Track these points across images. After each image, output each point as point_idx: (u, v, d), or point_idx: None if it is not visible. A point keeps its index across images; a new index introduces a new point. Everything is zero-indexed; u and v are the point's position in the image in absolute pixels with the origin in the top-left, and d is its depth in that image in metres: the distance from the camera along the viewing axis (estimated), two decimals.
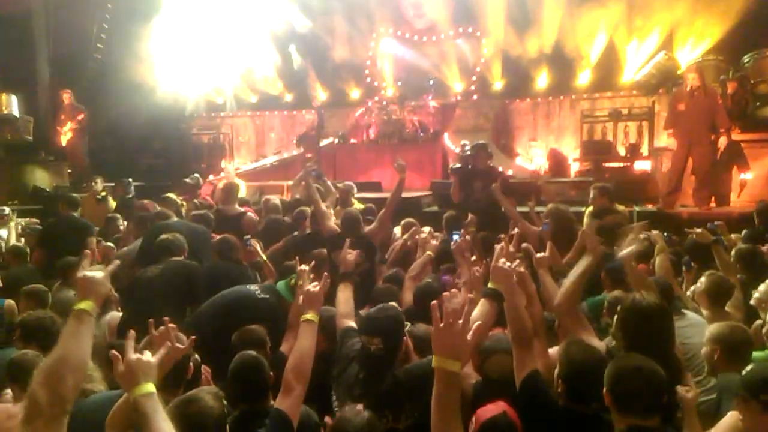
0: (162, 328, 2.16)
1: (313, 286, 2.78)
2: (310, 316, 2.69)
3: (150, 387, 1.82)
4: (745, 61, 9.17)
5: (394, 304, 3.11)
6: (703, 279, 3.77)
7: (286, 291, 3.67)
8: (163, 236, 4.42)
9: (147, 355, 1.89)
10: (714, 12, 10.17)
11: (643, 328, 2.50)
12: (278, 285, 3.81)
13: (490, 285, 2.70)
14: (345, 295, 3.26)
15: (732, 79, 8.86)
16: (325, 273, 3.00)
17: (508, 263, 2.65)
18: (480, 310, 2.64)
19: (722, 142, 7.87)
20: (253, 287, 3.80)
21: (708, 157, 7.99)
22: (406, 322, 2.98)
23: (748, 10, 9.71)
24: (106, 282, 2.01)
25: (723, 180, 8.15)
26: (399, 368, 2.79)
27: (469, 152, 7.44)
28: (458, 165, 7.53)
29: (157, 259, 4.30)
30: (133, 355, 1.86)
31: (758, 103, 8.84)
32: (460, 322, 1.79)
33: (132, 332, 1.94)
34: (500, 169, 8.41)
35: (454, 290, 2.03)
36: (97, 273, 2.01)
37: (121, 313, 4.23)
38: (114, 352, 1.87)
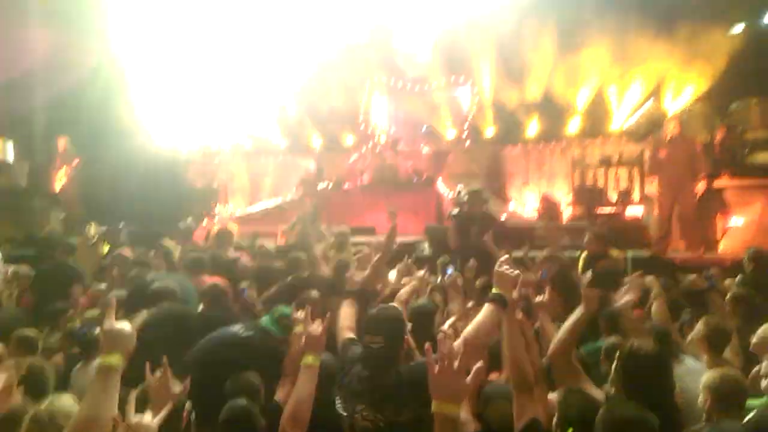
0: (158, 374, 2.11)
1: (314, 328, 2.65)
2: (311, 359, 2.56)
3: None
4: (732, 108, 9.39)
5: (394, 304, 3.14)
6: (700, 325, 3.76)
7: (272, 324, 3.58)
8: (157, 283, 4.40)
9: (147, 417, 1.85)
10: (701, 62, 10.47)
11: (641, 376, 2.49)
12: (262, 320, 3.72)
13: (494, 290, 2.69)
14: (349, 311, 3.28)
15: (720, 127, 9.06)
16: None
17: (511, 270, 2.65)
18: (484, 313, 2.63)
19: (700, 188, 8.03)
20: (236, 327, 3.65)
21: (691, 204, 8.12)
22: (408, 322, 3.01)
23: (735, 60, 10.01)
24: (134, 335, 1.93)
25: (709, 226, 8.26)
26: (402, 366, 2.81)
27: (465, 198, 7.50)
28: (456, 211, 7.58)
29: (149, 304, 4.26)
30: (133, 419, 1.82)
31: (746, 150, 9.01)
32: (456, 363, 1.78)
33: (133, 393, 1.90)
34: (497, 214, 8.49)
35: (448, 331, 2.02)
36: (125, 325, 1.93)
37: None
38: (115, 415, 1.82)
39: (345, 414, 2.72)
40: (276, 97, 13.72)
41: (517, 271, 2.69)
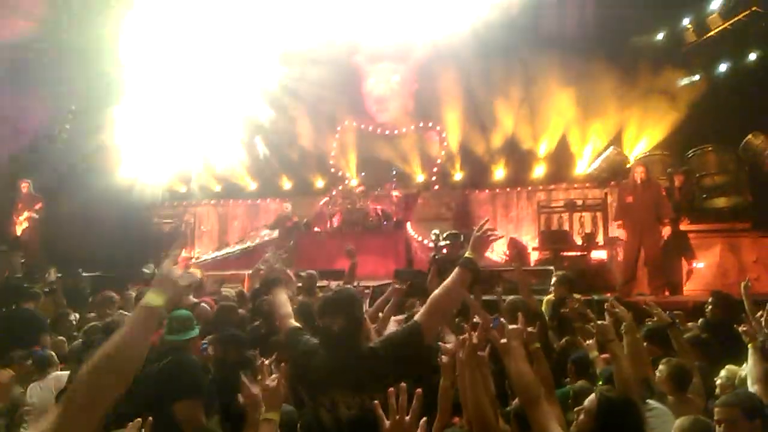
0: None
1: (271, 380, 2.44)
2: (270, 415, 2.37)
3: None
4: (689, 155, 9.72)
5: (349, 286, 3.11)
6: (662, 366, 3.80)
7: (171, 335, 3.65)
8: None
9: None
10: (660, 110, 10.92)
11: (611, 422, 2.50)
12: (165, 336, 3.71)
13: (467, 254, 2.73)
14: (282, 297, 3.13)
15: (678, 173, 9.36)
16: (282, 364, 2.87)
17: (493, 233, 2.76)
18: (452, 278, 2.69)
19: (666, 231, 8.23)
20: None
21: (658, 247, 8.31)
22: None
23: (692, 109, 10.46)
24: (187, 288, 1.89)
25: (674, 269, 8.43)
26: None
27: (446, 241, 7.59)
28: (437, 255, 7.64)
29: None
30: None
31: (704, 196, 9.30)
32: (407, 419, 1.81)
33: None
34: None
35: (401, 386, 1.95)
36: (184, 278, 1.87)
37: (65, 373, 4.30)
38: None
39: (318, 409, 2.56)
40: (245, 139, 13.75)
41: (498, 235, 2.80)
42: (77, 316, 6.51)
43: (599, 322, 3.70)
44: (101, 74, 11.97)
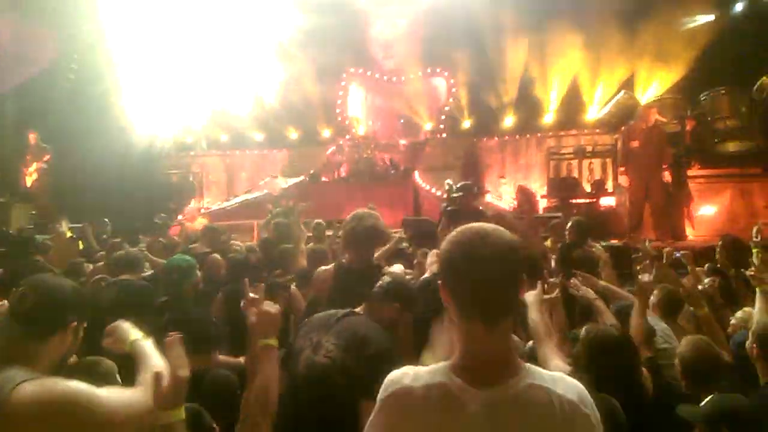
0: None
1: (269, 306, 2.30)
2: (270, 341, 2.24)
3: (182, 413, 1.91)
4: (702, 99, 9.53)
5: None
6: (655, 291, 3.86)
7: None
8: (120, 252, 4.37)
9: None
10: (673, 53, 10.63)
11: (607, 359, 2.55)
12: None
13: None
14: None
15: (690, 117, 9.20)
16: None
17: None
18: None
19: (670, 177, 8.16)
20: None
21: (662, 193, 8.24)
22: None
23: (705, 52, 10.18)
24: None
25: (678, 215, 8.39)
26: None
27: (458, 192, 7.51)
28: (449, 207, 7.59)
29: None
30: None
31: (716, 140, 9.16)
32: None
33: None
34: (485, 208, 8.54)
35: None
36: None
37: None
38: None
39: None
40: (251, 90, 13.60)
41: None
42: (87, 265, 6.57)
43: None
44: (106, 20, 11.82)
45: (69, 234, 7.94)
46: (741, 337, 3.20)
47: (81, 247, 7.79)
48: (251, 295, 2.30)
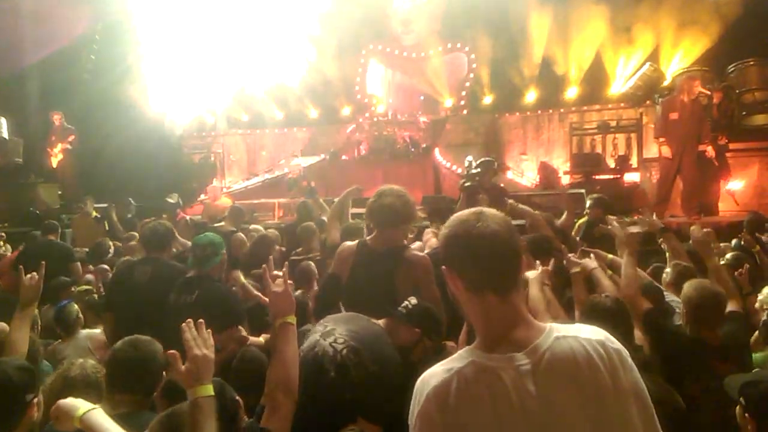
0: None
1: (278, 286, 2.29)
2: (288, 319, 2.27)
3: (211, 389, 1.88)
4: (730, 71, 9.28)
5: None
6: (668, 269, 3.83)
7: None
8: (150, 225, 4.45)
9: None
10: (699, 24, 10.32)
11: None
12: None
13: None
14: None
15: (717, 89, 8.97)
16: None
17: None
18: None
19: (710, 151, 7.96)
20: None
21: (696, 167, 8.06)
22: None
23: (733, 22, 9.86)
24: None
25: (710, 190, 8.21)
26: None
27: (477, 169, 7.45)
28: (468, 183, 7.52)
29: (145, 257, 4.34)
30: (199, 352, 1.88)
31: (744, 113, 8.94)
32: None
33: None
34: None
35: None
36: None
37: (92, 331, 4.27)
38: (173, 352, 1.89)
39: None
40: (272, 69, 13.57)
41: None
42: (111, 244, 6.68)
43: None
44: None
45: (94, 213, 8.04)
46: None
47: (106, 228, 7.90)
48: (275, 272, 2.33)
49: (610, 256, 3.89)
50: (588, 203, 6.44)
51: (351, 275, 3.24)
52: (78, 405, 2.01)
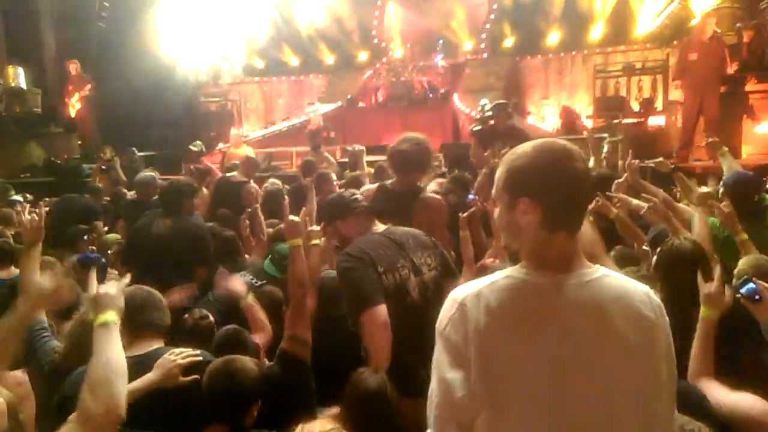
0: None
1: (291, 218, 2.82)
2: (296, 241, 2.74)
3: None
4: (763, 7, 8.84)
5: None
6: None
7: (272, 267, 3.69)
8: (167, 182, 4.49)
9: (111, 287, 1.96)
10: None
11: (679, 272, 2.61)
12: (264, 264, 3.78)
13: None
14: None
15: (748, 28, 8.58)
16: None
17: None
18: None
19: (726, 91, 7.70)
20: (248, 277, 3.63)
21: (717, 109, 7.82)
22: None
23: None
24: (120, 296, 1.98)
25: (733, 132, 7.96)
26: None
27: (489, 112, 7.27)
28: (479, 126, 7.36)
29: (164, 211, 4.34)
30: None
31: None
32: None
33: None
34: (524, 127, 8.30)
35: None
36: (111, 288, 1.97)
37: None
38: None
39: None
40: (284, 13, 13.30)
41: None
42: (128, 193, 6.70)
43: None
44: None
45: (110, 162, 8.05)
46: None
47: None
48: (290, 217, 2.82)
49: (635, 201, 3.83)
50: (606, 148, 6.32)
51: None
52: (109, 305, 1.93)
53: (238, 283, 3.30)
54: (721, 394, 2.16)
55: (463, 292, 1.40)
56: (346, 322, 2.61)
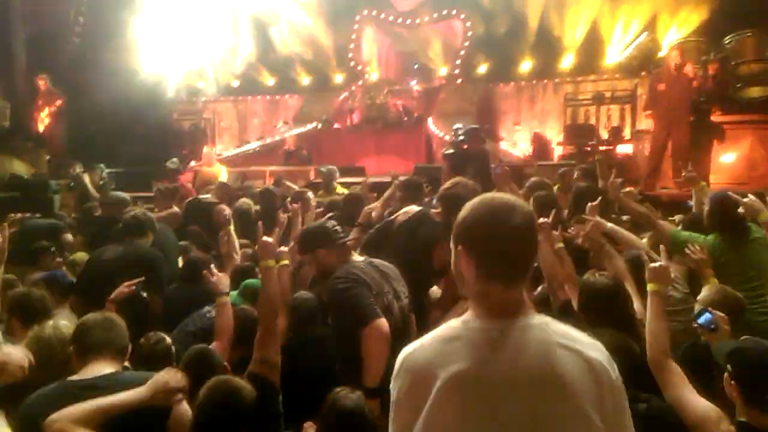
0: None
1: (265, 239, 2.87)
2: (269, 262, 2.80)
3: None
4: (727, 42, 9.17)
5: None
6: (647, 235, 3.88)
7: (239, 300, 3.66)
8: (131, 214, 4.39)
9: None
10: None
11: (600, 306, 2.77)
12: (233, 298, 3.68)
13: None
14: None
15: (713, 61, 8.87)
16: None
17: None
18: None
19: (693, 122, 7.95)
20: (205, 309, 3.57)
21: (686, 139, 8.04)
22: None
23: None
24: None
25: (701, 162, 8.18)
26: None
27: (462, 137, 7.36)
28: (451, 150, 7.44)
29: (120, 238, 4.32)
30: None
31: (739, 85, 8.85)
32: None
33: None
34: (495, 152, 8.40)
35: None
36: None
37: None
38: None
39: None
40: (261, 33, 13.32)
41: None
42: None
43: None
44: None
45: (75, 177, 7.91)
46: None
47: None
48: (264, 238, 2.87)
49: (610, 225, 3.89)
50: (575, 174, 6.42)
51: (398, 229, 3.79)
52: None
53: (224, 280, 3.37)
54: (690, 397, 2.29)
55: (407, 349, 1.46)
56: (318, 343, 2.72)
